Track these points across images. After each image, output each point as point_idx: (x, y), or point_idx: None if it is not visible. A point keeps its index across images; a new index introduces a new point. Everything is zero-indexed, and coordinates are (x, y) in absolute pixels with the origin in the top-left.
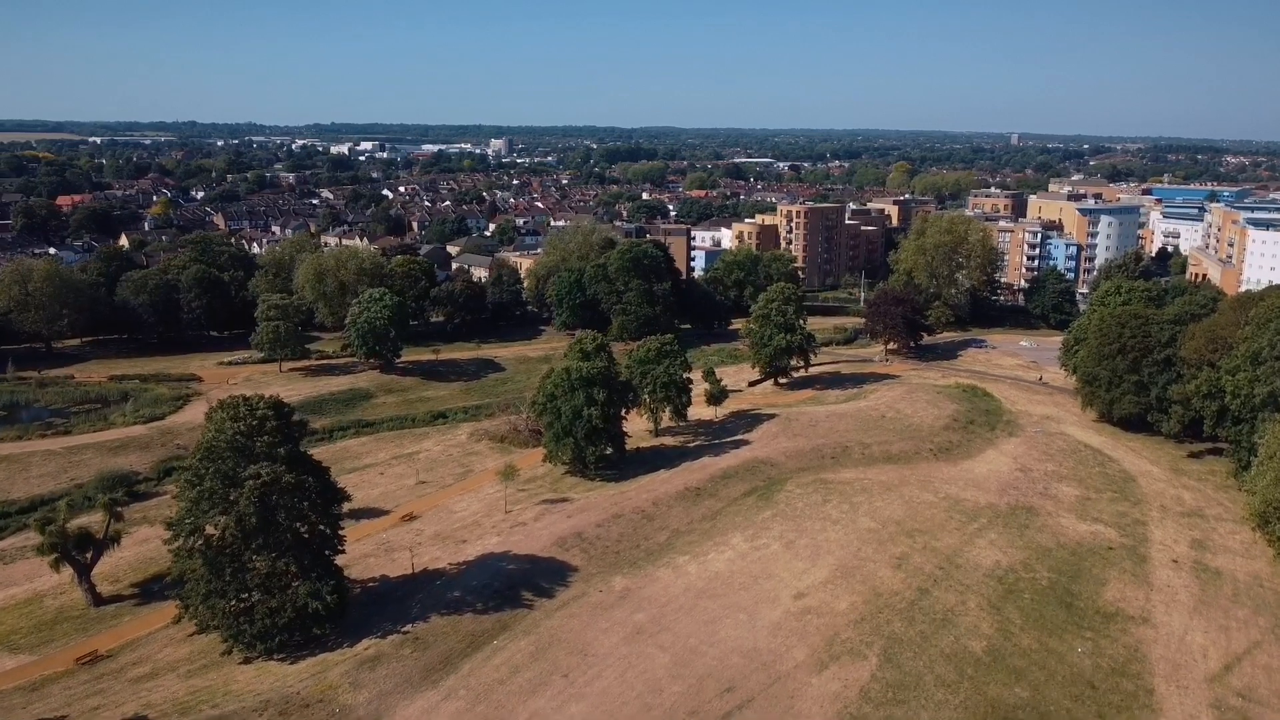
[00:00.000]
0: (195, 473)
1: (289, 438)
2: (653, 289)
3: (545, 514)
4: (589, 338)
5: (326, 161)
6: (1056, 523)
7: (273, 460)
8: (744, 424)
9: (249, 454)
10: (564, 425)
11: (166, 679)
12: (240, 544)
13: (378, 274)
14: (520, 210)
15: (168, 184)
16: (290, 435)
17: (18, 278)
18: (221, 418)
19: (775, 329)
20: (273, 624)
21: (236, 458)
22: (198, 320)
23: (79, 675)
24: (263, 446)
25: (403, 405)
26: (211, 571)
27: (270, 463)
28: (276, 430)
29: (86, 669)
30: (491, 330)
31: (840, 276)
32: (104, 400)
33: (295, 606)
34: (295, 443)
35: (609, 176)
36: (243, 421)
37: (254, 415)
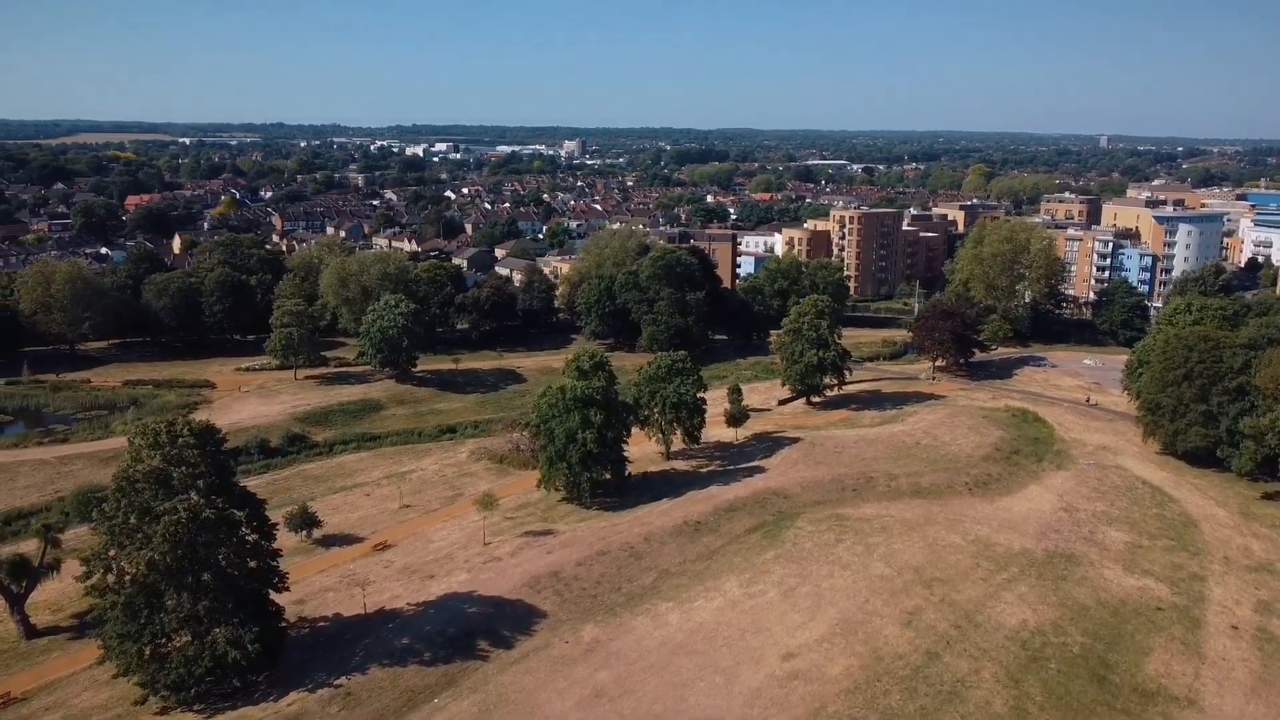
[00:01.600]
0: (111, 505)
1: (217, 468)
2: (685, 298)
3: (525, 548)
4: (586, 354)
5: (398, 162)
6: (1099, 575)
7: (194, 493)
8: (764, 448)
9: (168, 486)
10: (557, 449)
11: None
12: (158, 583)
13: (402, 279)
14: (579, 212)
15: (239, 184)
16: (218, 465)
17: (40, 279)
18: (139, 445)
19: (807, 345)
20: (189, 673)
21: (155, 490)
22: (220, 324)
23: None
24: (181, 478)
25: (412, 418)
26: (127, 612)
27: (190, 496)
28: (199, 461)
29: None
30: (521, 338)
31: (896, 286)
32: (112, 407)
33: (214, 655)
34: (224, 473)
35: (675, 178)
36: (162, 450)
37: (174, 444)
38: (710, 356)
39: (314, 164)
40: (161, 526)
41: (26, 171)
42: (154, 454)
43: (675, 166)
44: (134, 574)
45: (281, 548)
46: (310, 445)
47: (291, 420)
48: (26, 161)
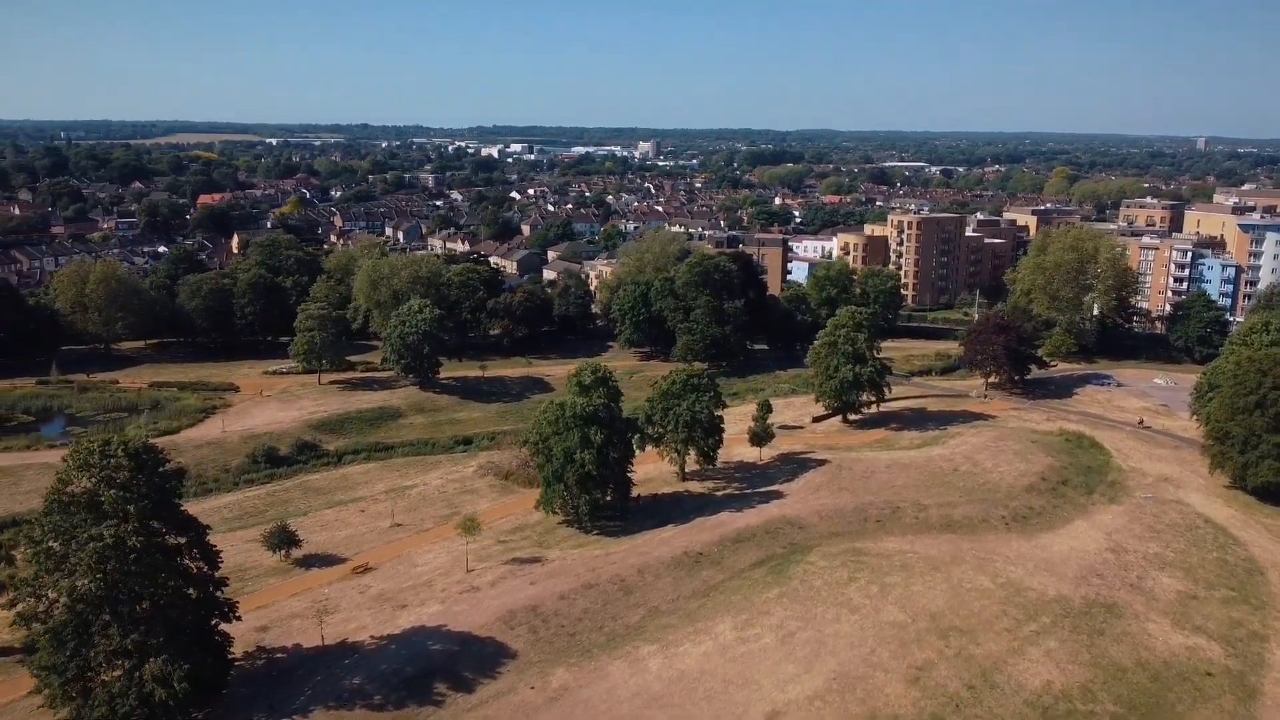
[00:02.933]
0: (38, 529)
1: (153, 491)
2: (723, 306)
3: (508, 577)
4: (589, 368)
5: (471, 163)
6: (1142, 630)
7: (122, 519)
8: (787, 471)
9: (98, 510)
10: (555, 469)
11: None
12: (87, 613)
13: (434, 282)
14: (639, 214)
15: (311, 184)
16: (155, 488)
17: (76, 279)
18: (68, 466)
19: (842, 359)
20: (112, 711)
21: (83, 514)
22: (251, 326)
23: None
24: (111, 502)
25: (430, 427)
26: (54, 642)
27: (118, 522)
28: (130, 484)
29: None
30: (556, 345)
31: (956, 295)
32: (134, 409)
33: (140, 693)
34: (162, 496)
35: (745, 180)
36: (92, 471)
37: (106, 465)
38: (749, 368)
39: (389, 164)
40: (86, 554)
41: (108, 170)
42: (83, 475)
43: (747, 168)
44: (58, 604)
45: (258, 567)
46: (320, 454)
47: (305, 428)
48: (110, 161)
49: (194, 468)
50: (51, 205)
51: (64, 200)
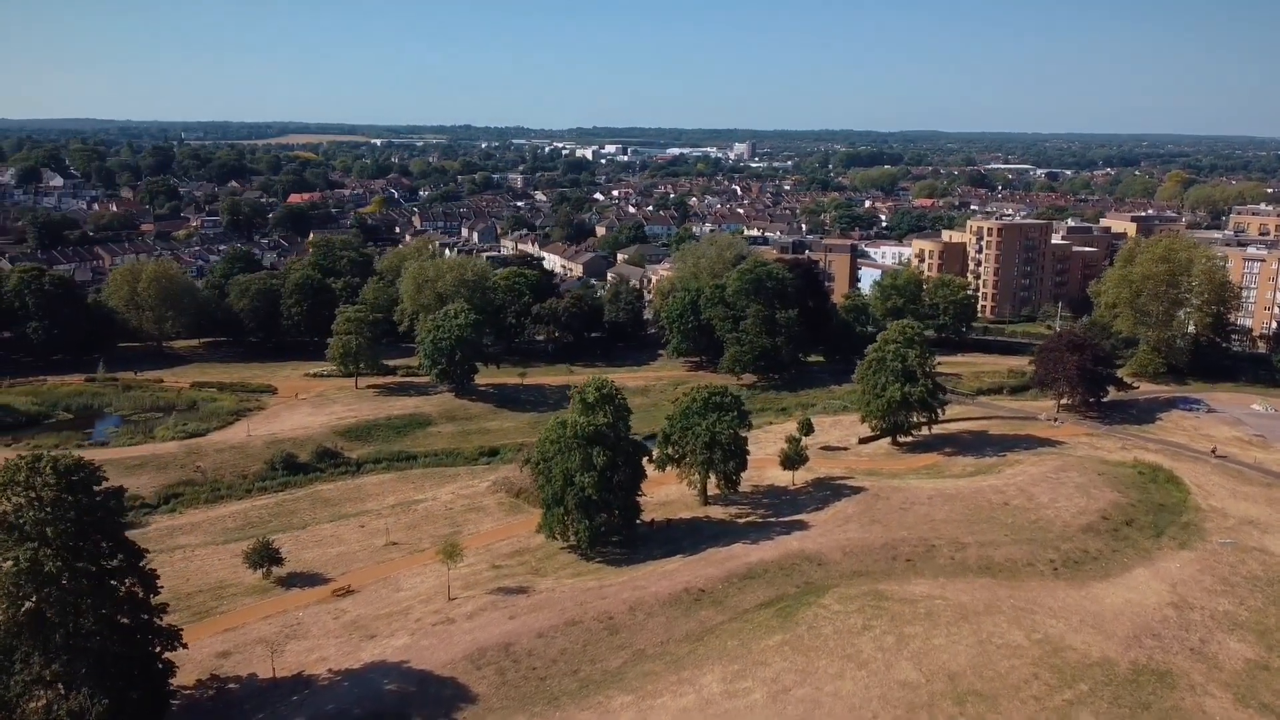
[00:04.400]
0: None
1: (83, 511)
2: (774, 316)
3: (489, 608)
4: (592, 385)
5: (564, 164)
6: (1198, 706)
7: (41, 541)
8: (818, 498)
9: (20, 532)
10: (554, 491)
11: None
12: (8, 640)
13: (479, 286)
14: (718, 217)
15: (403, 184)
16: (84, 508)
17: (129, 278)
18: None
19: (890, 377)
20: None
21: (1, 536)
22: (298, 326)
23: None
24: (31, 524)
25: (457, 437)
26: None
27: (38, 545)
28: (56, 504)
29: None
30: (605, 352)
31: (1040, 307)
32: (171, 409)
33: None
34: (92, 518)
35: (836, 182)
36: (16, 490)
37: (32, 485)
38: (801, 381)
39: (482, 165)
40: (2, 577)
41: (208, 170)
42: (8, 494)
43: (841, 170)
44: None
45: (238, 585)
46: (340, 462)
47: (330, 434)
48: (211, 160)
49: (212, 472)
50: (149, 203)
51: (161, 198)
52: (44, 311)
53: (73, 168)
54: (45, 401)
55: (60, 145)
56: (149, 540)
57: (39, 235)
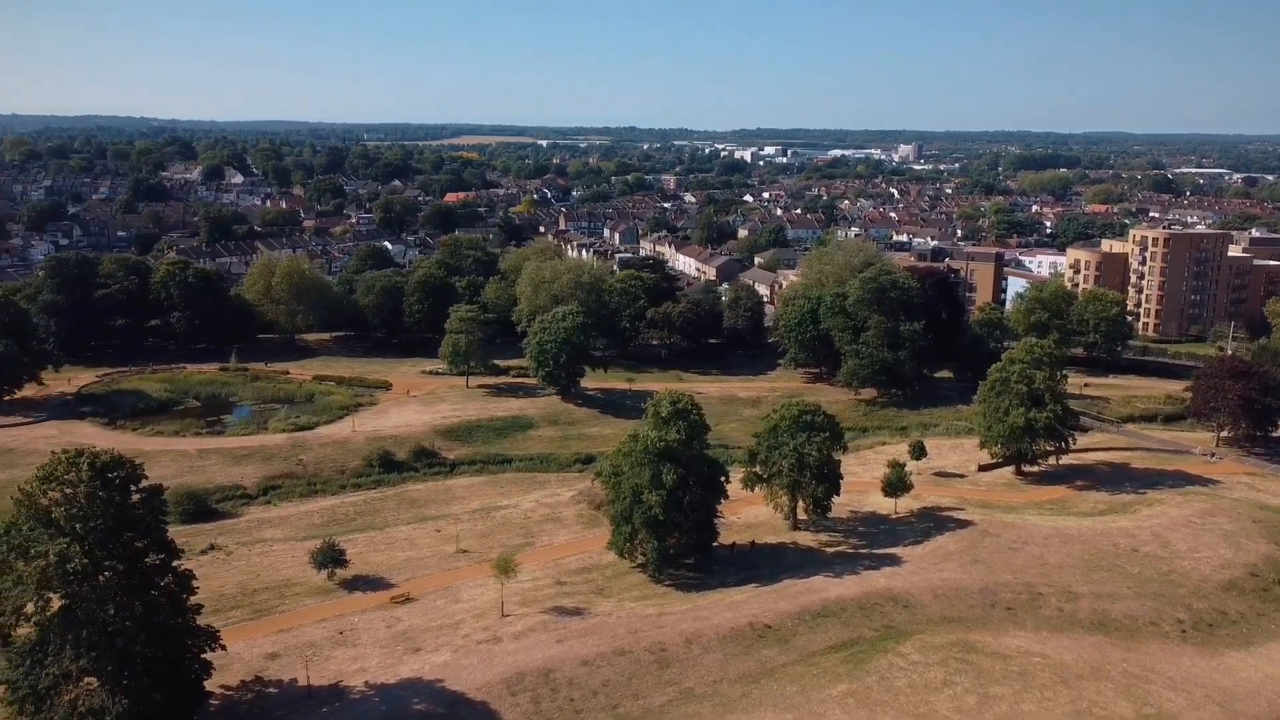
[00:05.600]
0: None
1: (117, 510)
2: (898, 328)
3: (539, 629)
4: (666, 398)
5: (720, 166)
6: None
7: (73, 537)
8: (919, 530)
9: (54, 527)
10: (623, 508)
11: None
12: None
13: (595, 289)
14: (868, 221)
15: (558, 184)
16: (119, 506)
17: (264, 272)
18: (33, 478)
19: (1015, 400)
20: None
21: (39, 530)
22: (419, 324)
23: None
24: (64, 519)
25: (557, 442)
26: (13, 658)
27: (69, 540)
28: (89, 500)
29: None
30: (720, 360)
31: (1211, 326)
32: (289, 401)
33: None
34: (128, 516)
35: (1003, 186)
36: (54, 485)
37: (65, 480)
38: (926, 399)
39: (639, 166)
40: (30, 571)
41: (374, 169)
42: (48, 488)
43: (1011, 173)
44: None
45: (302, 585)
46: (435, 463)
47: (431, 433)
48: (378, 160)
49: (313, 466)
50: (316, 200)
51: (326, 196)
52: (187, 303)
53: (254, 166)
54: (178, 389)
55: (245, 145)
56: (238, 531)
57: (210, 229)
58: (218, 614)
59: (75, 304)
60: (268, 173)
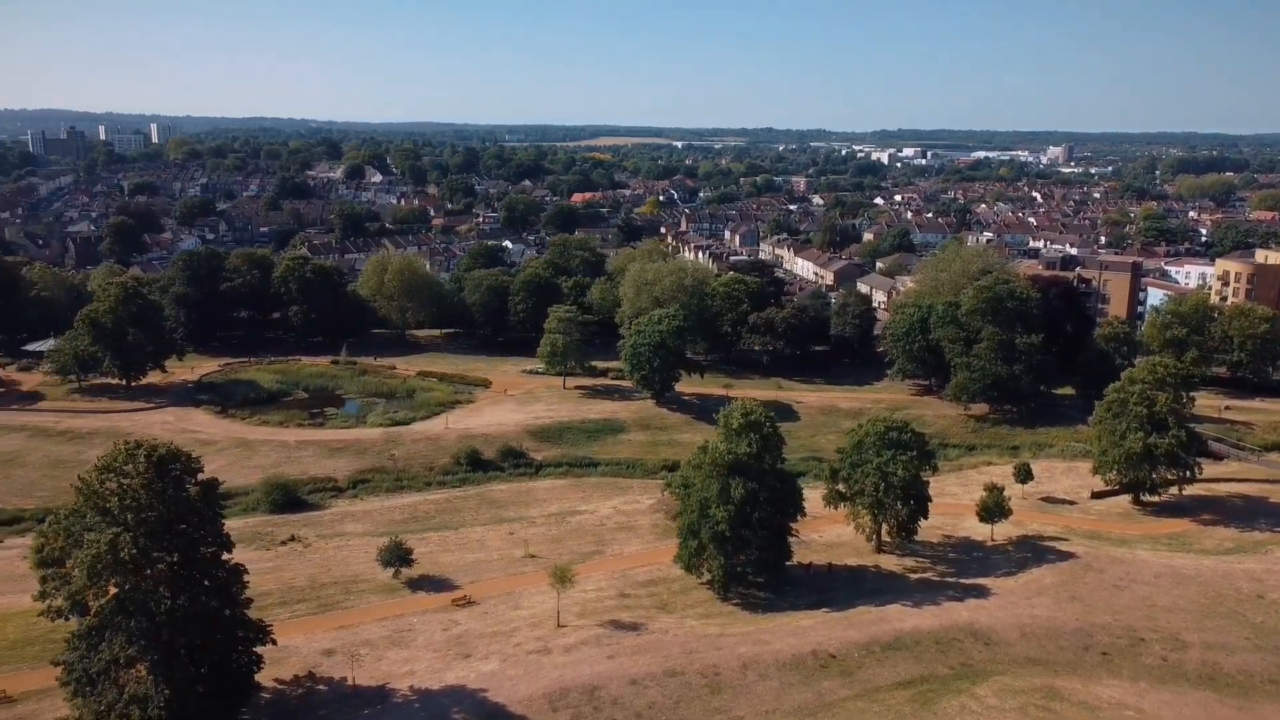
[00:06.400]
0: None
1: (171, 502)
2: (1014, 340)
3: (591, 642)
4: (738, 410)
5: (853, 168)
6: None
7: (124, 528)
8: (1015, 559)
9: (108, 515)
10: (690, 522)
11: None
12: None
13: (697, 292)
14: (1003, 226)
15: (686, 185)
16: (173, 499)
17: (378, 268)
18: (93, 467)
19: (1133, 424)
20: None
21: (94, 518)
22: (523, 323)
23: None
24: (118, 509)
25: (645, 447)
26: (71, 642)
27: (120, 530)
28: (144, 490)
29: None
30: (826, 368)
31: None
32: (390, 395)
33: (117, 713)
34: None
35: (1158, 190)
36: (112, 475)
37: (122, 471)
38: (1043, 417)
39: (772, 168)
40: (82, 558)
41: (506, 169)
42: (106, 478)
43: (1169, 177)
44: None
45: (368, 582)
46: (521, 463)
47: (522, 433)
48: (510, 160)
49: (403, 462)
50: (448, 199)
51: (458, 195)
52: (304, 297)
53: (393, 166)
54: (289, 380)
55: (388, 146)
56: (321, 524)
57: (343, 226)
58: (284, 606)
59: (203, 296)
60: (405, 172)
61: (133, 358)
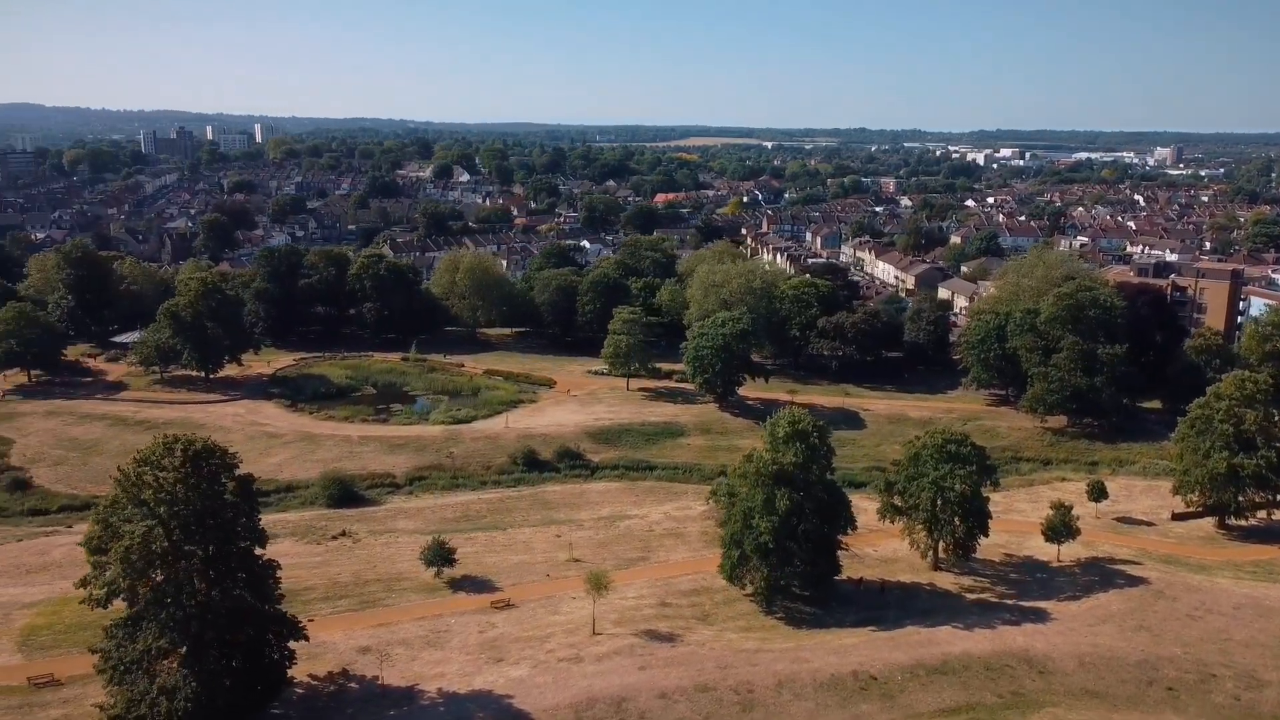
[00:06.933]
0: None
1: (202, 497)
2: (1095, 351)
3: (623, 652)
4: (785, 418)
5: (946, 169)
6: None
7: (158, 520)
8: (1080, 583)
9: (144, 508)
10: (733, 531)
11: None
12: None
13: (766, 294)
14: (1098, 230)
15: (771, 186)
16: (207, 494)
17: (450, 267)
18: (132, 460)
19: (1218, 442)
20: (128, 711)
21: (130, 510)
22: (590, 324)
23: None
24: (153, 501)
25: (704, 451)
26: (108, 635)
27: (154, 523)
28: (178, 484)
29: (32, 691)
30: (897, 375)
31: None
32: (455, 393)
33: (148, 702)
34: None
35: (1272, 194)
36: (149, 468)
37: (159, 465)
38: (1125, 431)
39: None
40: (116, 549)
41: (591, 170)
42: (142, 472)
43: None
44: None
45: (411, 581)
46: (577, 465)
47: (581, 434)
48: (595, 161)
49: (461, 460)
50: (533, 198)
51: (542, 195)
52: (378, 294)
53: (481, 165)
54: (358, 376)
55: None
56: (374, 519)
57: (426, 224)
58: (327, 601)
59: (282, 292)
60: (492, 171)
61: (210, 351)
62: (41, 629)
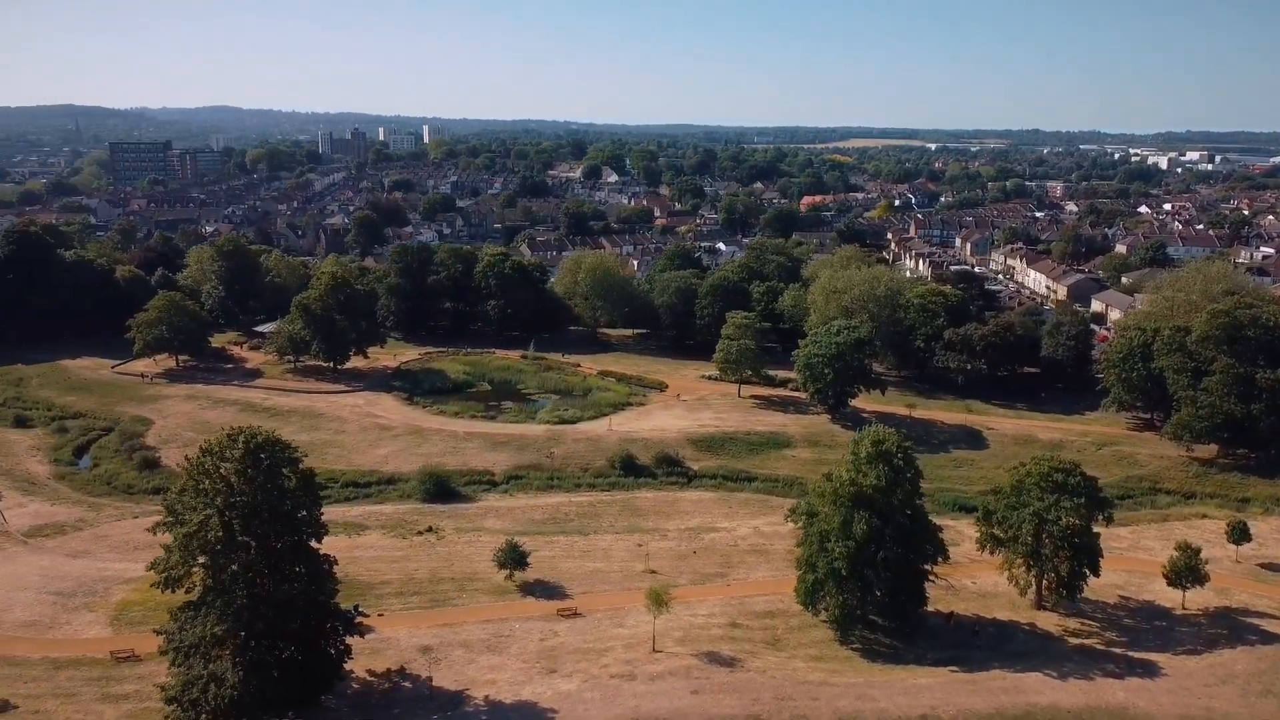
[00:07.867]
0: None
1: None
2: (1254, 375)
3: (678, 674)
4: (869, 436)
5: (1122, 172)
6: None
7: (215, 511)
8: (1205, 636)
9: (204, 497)
10: (809, 554)
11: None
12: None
13: (889, 303)
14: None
15: (927, 189)
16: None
17: (572, 267)
18: (199, 450)
19: None
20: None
21: (193, 500)
22: (708, 327)
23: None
24: (211, 491)
25: (808, 465)
26: (173, 618)
27: (211, 513)
28: (236, 475)
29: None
30: (1031, 393)
31: None
32: (566, 393)
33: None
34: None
35: None
36: (211, 458)
37: (221, 456)
38: None
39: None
40: (178, 534)
41: (739, 171)
42: (204, 462)
43: None
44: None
45: (483, 582)
46: (674, 472)
47: (683, 441)
48: (744, 162)
49: (560, 461)
50: (678, 199)
51: (687, 196)
52: (503, 291)
53: (630, 166)
54: (476, 372)
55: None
56: (464, 516)
57: (569, 224)
58: (399, 597)
59: (413, 288)
60: (640, 172)
61: (337, 343)
62: (135, 605)
